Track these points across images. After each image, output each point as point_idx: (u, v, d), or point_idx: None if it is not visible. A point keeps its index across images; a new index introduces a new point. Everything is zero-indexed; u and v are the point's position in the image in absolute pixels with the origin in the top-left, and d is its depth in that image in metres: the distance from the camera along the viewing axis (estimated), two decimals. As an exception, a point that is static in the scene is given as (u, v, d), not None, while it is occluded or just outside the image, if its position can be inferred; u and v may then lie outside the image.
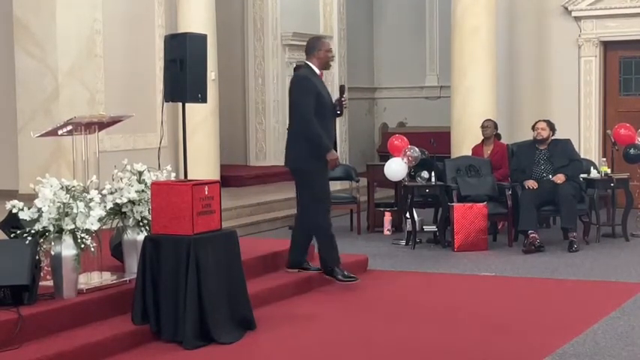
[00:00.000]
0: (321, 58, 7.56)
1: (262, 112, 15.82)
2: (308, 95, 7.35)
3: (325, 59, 7.60)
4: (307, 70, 7.56)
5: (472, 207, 9.59)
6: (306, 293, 7.42)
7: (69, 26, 11.17)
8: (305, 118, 7.33)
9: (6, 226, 6.18)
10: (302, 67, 7.73)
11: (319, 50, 7.56)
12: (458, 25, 12.02)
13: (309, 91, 7.37)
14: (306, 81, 7.45)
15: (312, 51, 7.59)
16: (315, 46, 7.61)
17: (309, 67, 7.56)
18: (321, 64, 7.58)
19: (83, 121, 6.59)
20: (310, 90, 7.38)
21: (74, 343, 5.46)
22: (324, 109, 7.42)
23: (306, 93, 7.36)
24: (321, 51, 7.56)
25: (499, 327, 6.41)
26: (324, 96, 7.47)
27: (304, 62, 7.65)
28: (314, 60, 7.55)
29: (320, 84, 7.54)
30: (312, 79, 7.48)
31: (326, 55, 7.59)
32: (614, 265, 8.74)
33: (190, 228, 5.91)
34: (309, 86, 7.40)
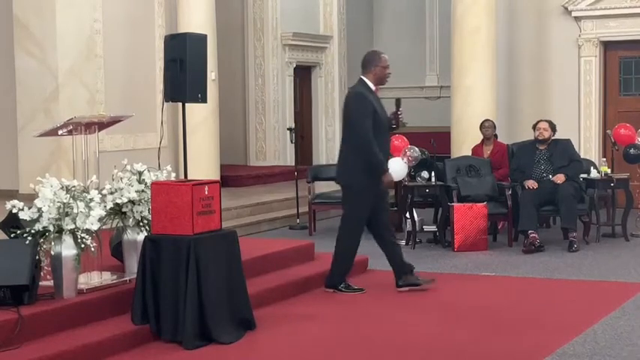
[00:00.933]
0: (377, 74, 7.37)
1: (262, 112, 15.83)
2: (365, 115, 7.18)
3: (382, 75, 7.41)
4: (362, 85, 7.37)
5: (472, 207, 9.59)
6: (306, 293, 7.42)
7: (69, 26, 11.18)
8: (364, 138, 7.15)
9: (6, 226, 6.18)
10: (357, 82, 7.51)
11: (376, 66, 7.37)
12: (458, 25, 12.02)
13: (366, 109, 7.20)
14: (362, 100, 7.26)
15: (369, 66, 7.39)
16: (374, 61, 7.41)
17: (364, 83, 7.38)
18: (377, 79, 7.40)
19: (83, 121, 6.59)
20: (367, 109, 7.21)
21: (74, 343, 5.46)
22: (379, 126, 7.27)
23: (364, 112, 7.19)
24: (379, 67, 7.37)
25: (499, 327, 6.41)
26: (379, 113, 7.32)
27: (360, 77, 7.45)
28: (370, 75, 7.37)
29: (376, 100, 7.35)
30: (368, 96, 7.31)
31: (383, 71, 7.39)
32: (614, 265, 8.74)
33: (190, 228, 5.91)
34: (367, 105, 7.23)
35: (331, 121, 16.99)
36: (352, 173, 7.32)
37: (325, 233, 11.12)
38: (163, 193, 6.00)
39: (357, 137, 7.23)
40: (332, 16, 16.90)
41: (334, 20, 16.92)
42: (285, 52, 15.99)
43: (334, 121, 16.98)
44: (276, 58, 15.86)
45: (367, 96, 7.31)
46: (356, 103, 7.30)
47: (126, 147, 11.48)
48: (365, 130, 7.16)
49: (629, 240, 10.15)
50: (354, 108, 7.29)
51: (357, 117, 7.24)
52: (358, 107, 7.26)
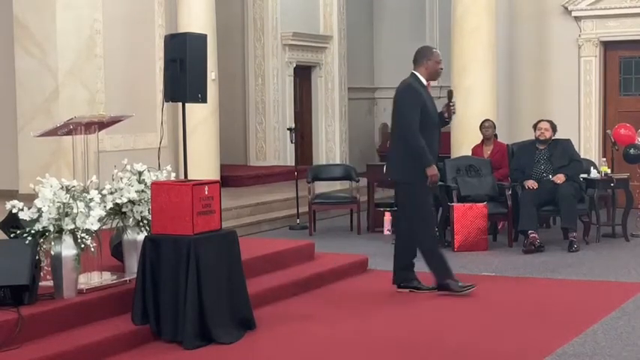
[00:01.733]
0: (429, 68, 7.33)
1: (262, 112, 15.82)
2: (413, 107, 7.14)
3: (435, 70, 7.37)
4: (414, 79, 7.33)
5: (472, 207, 9.59)
6: (306, 293, 7.42)
7: (69, 26, 11.18)
8: (410, 131, 7.13)
9: (6, 226, 6.18)
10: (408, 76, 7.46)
11: (429, 60, 7.34)
12: (458, 25, 12.02)
13: (415, 102, 7.16)
14: (412, 92, 7.23)
15: (421, 60, 7.37)
16: (426, 55, 7.39)
17: (415, 77, 7.34)
18: (429, 74, 7.36)
19: (83, 121, 6.59)
20: (416, 102, 7.17)
21: (74, 343, 5.46)
22: (428, 121, 7.22)
23: (412, 105, 7.15)
24: (431, 61, 7.34)
25: (499, 327, 6.41)
26: (429, 107, 7.27)
27: (411, 72, 7.42)
28: (422, 70, 7.34)
29: (426, 95, 7.30)
30: (419, 89, 7.27)
31: (435, 65, 7.35)
32: (614, 265, 8.74)
33: (190, 228, 5.91)
34: (415, 98, 7.19)
35: (331, 121, 16.98)
36: (406, 168, 7.23)
37: (325, 233, 11.14)
38: (163, 193, 6.00)
39: (403, 130, 7.18)
40: (332, 16, 16.90)
41: (334, 20, 16.91)
42: (285, 52, 15.98)
43: (334, 121, 16.98)
44: (276, 58, 15.85)
45: (418, 89, 7.27)
46: (405, 96, 7.25)
47: (126, 147, 11.48)
48: (411, 121, 7.12)
49: (629, 240, 10.14)
50: (403, 99, 7.24)
51: (405, 108, 7.20)
52: (407, 99, 7.22)
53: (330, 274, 7.96)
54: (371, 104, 19.94)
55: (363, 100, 19.46)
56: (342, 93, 17.18)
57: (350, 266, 8.33)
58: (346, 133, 17.24)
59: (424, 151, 7.15)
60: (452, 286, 7.28)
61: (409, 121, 7.15)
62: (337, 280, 7.94)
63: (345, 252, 9.26)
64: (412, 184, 7.25)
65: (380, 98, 19.89)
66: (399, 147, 7.33)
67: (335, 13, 16.89)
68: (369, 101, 19.83)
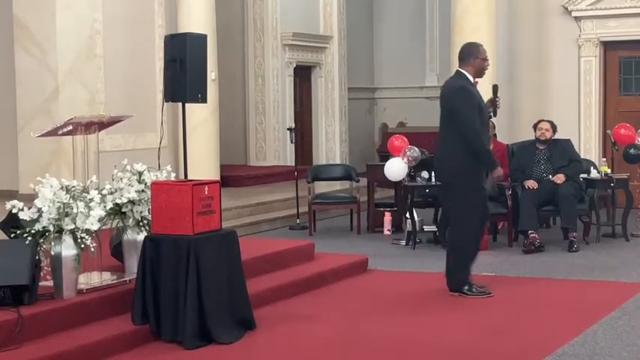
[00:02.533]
0: (477, 66, 7.25)
1: (262, 112, 15.82)
2: (471, 107, 7.06)
3: (481, 67, 7.28)
4: (463, 78, 7.24)
5: (472, 207, 9.57)
6: (306, 293, 7.42)
7: (69, 26, 11.18)
8: (471, 133, 7.04)
9: (6, 226, 6.18)
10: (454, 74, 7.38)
11: (476, 58, 7.26)
12: (458, 25, 12.01)
13: (471, 102, 7.09)
14: (467, 92, 7.14)
15: (468, 58, 7.28)
16: (472, 53, 7.30)
17: (463, 75, 7.25)
18: (476, 72, 7.27)
19: (83, 121, 6.59)
20: (472, 102, 7.10)
21: (74, 343, 5.46)
22: (483, 118, 7.18)
23: (469, 105, 7.07)
24: (478, 59, 7.26)
25: (499, 327, 6.41)
26: (482, 106, 7.22)
27: (457, 69, 7.34)
28: (469, 68, 7.25)
29: (477, 93, 7.24)
30: (472, 89, 7.20)
31: (482, 63, 7.27)
32: (614, 265, 8.74)
33: (190, 228, 5.91)
34: (471, 98, 7.12)
35: (331, 121, 16.99)
36: (458, 170, 7.16)
37: (325, 233, 11.14)
38: (163, 193, 6.00)
39: (464, 131, 7.07)
40: (332, 16, 16.89)
41: (334, 20, 16.91)
42: (285, 52, 15.98)
43: (334, 121, 16.98)
44: (276, 58, 15.85)
45: (471, 89, 7.20)
46: (460, 95, 7.15)
47: (126, 147, 11.48)
48: (472, 124, 7.04)
49: (629, 240, 10.14)
50: (459, 102, 7.13)
51: (463, 111, 7.08)
52: (464, 101, 7.12)
53: (330, 274, 7.96)
54: (371, 104, 19.95)
55: (363, 100, 19.46)
56: (342, 93, 17.18)
57: (350, 266, 8.33)
58: (346, 133, 17.24)
59: (489, 154, 7.11)
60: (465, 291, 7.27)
61: (469, 124, 7.05)
62: (337, 280, 7.94)
63: (345, 252, 9.26)
64: (461, 185, 7.17)
65: (380, 98, 19.90)
66: (452, 148, 7.19)
67: (335, 13, 16.89)
68: (369, 101, 19.84)
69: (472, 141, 7.07)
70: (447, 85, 7.43)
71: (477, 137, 7.06)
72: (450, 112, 7.19)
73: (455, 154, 7.16)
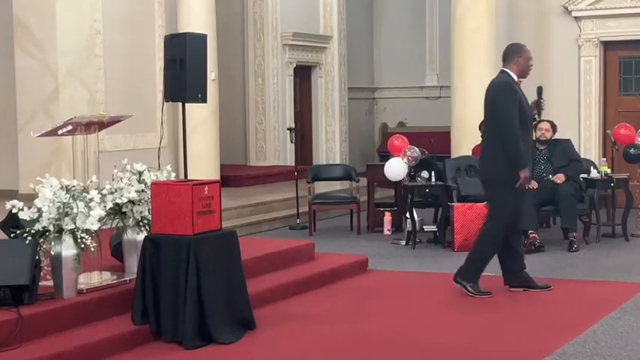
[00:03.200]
0: (520, 65, 7.27)
1: (262, 112, 15.82)
2: (513, 105, 7.06)
3: (525, 67, 7.30)
4: (507, 77, 7.24)
5: (472, 207, 9.58)
6: (306, 293, 7.42)
7: (69, 26, 11.18)
8: (509, 131, 7.04)
9: (6, 226, 6.18)
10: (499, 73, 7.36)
11: (520, 57, 7.28)
12: (458, 25, 12.02)
13: (513, 100, 7.09)
14: (509, 90, 7.14)
15: (512, 57, 7.30)
16: (517, 52, 7.32)
17: (507, 74, 7.25)
18: (520, 71, 7.28)
19: (83, 121, 6.59)
20: (514, 99, 7.09)
21: (74, 343, 5.46)
22: (524, 119, 7.17)
23: (512, 103, 7.07)
24: (522, 58, 7.28)
25: (499, 327, 6.41)
26: (524, 105, 7.21)
27: (501, 69, 7.34)
28: (513, 67, 7.26)
29: (521, 92, 7.24)
30: (515, 87, 7.20)
31: (526, 62, 7.29)
32: (614, 265, 8.74)
33: (190, 228, 5.91)
34: (513, 95, 7.12)
35: (331, 121, 16.99)
36: (495, 168, 7.16)
37: (325, 233, 11.14)
38: (163, 193, 6.00)
39: (502, 128, 7.07)
40: (332, 16, 16.90)
41: (334, 20, 16.91)
42: (285, 52, 15.98)
43: (334, 121, 16.98)
44: (276, 58, 15.85)
45: (514, 87, 7.19)
46: (503, 94, 7.15)
47: (126, 147, 11.48)
48: (511, 121, 7.03)
49: (629, 240, 10.14)
50: (500, 98, 7.14)
51: (503, 107, 7.09)
52: (504, 97, 7.12)
53: (330, 274, 7.96)
54: (371, 104, 19.94)
55: (363, 100, 19.46)
56: (342, 93, 17.18)
57: (350, 266, 8.33)
58: (346, 133, 17.24)
59: (521, 154, 7.07)
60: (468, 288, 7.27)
61: (508, 121, 7.05)
62: (337, 280, 7.94)
63: (345, 252, 9.26)
64: (506, 182, 7.14)
65: (380, 98, 19.90)
66: (493, 146, 7.20)
67: (335, 13, 16.89)
68: (369, 101, 19.84)
69: (507, 139, 7.06)
70: (490, 84, 7.43)
71: (513, 136, 7.04)
72: (493, 109, 7.20)
73: (496, 152, 7.16)
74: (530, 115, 7.38)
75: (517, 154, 7.07)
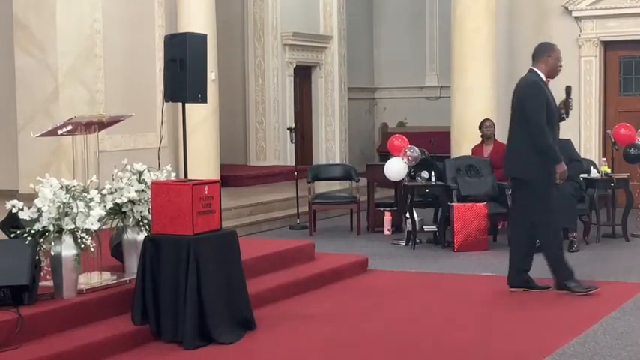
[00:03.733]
0: (549, 65, 7.28)
1: (262, 112, 15.83)
2: (540, 104, 7.08)
3: (555, 67, 7.32)
4: (535, 76, 7.25)
5: (472, 207, 9.59)
6: (306, 293, 7.42)
7: (69, 26, 11.18)
8: (537, 128, 7.06)
9: (6, 226, 6.18)
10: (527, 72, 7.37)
11: (549, 56, 7.29)
12: (458, 25, 12.02)
13: (541, 99, 7.11)
14: (537, 89, 7.16)
15: (541, 56, 7.31)
16: (547, 51, 7.33)
17: (535, 73, 7.26)
18: (549, 70, 7.29)
19: (83, 121, 6.59)
20: (542, 98, 7.11)
21: (74, 343, 5.46)
22: (552, 117, 7.19)
23: (539, 102, 7.09)
24: (552, 58, 7.29)
25: (499, 327, 6.41)
26: (552, 104, 7.23)
27: (530, 67, 7.35)
28: (542, 66, 7.27)
29: (548, 91, 7.25)
30: (542, 86, 7.20)
31: (556, 62, 7.30)
32: (614, 265, 8.74)
33: (190, 228, 5.91)
34: (541, 94, 7.13)
35: (331, 121, 16.99)
36: (527, 167, 7.15)
37: (325, 233, 11.14)
38: (163, 193, 6.00)
39: (531, 128, 7.08)
40: (332, 16, 16.90)
41: (334, 20, 16.91)
42: (285, 52, 15.99)
43: (334, 121, 16.98)
44: (276, 58, 15.85)
45: (542, 86, 7.20)
46: (530, 92, 7.16)
47: (126, 147, 11.48)
48: (539, 120, 7.05)
49: (629, 240, 10.14)
50: (528, 97, 7.15)
51: (532, 106, 7.10)
52: (532, 96, 7.14)
53: (330, 274, 7.96)
54: (371, 104, 19.95)
55: (363, 100, 19.46)
56: (342, 93, 17.18)
57: (350, 266, 8.33)
58: (346, 133, 17.24)
59: (553, 149, 7.10)
60: (572, 287, 7.26)
61: (536, 119, 7.07)
62: (337, 280, 7.94)
63: (345, 252, 9.26)
64: (536, 182, 7.16)
65: (380, 98, 19.90)
66: (522, 145, 7.19)
67: (335, 13, 16.89)
68: (369, 101, 19.84)
69: (537, 136, 7.07)
70: (519, 82, 7.42)
71: (542, 133, 7.07)
72: (521, 108, 7.20)
73: (526, 151, 7.16)
74: (558, 115, 7.39)
75: (549, 149, 7.09)
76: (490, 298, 7.38)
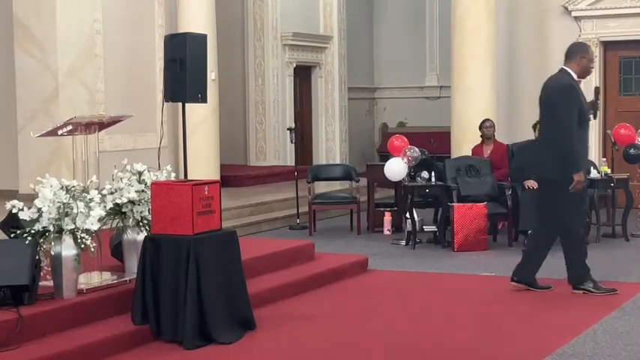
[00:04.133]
0: (582, 65, 7.23)
1: (262, 112, 15.83)
2: (573, 106, 7.03)
3: (587, 67, 7.26)
4: (567, 75, 7.20)
5: (472, 207, 9.59)
6: (306, 293, 7.42)
7: (69, 26, 11.18)
8: (565, 132, 7.01)
9: (6, 226, 6.18)
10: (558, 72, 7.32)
11: (583, 57, 7.24)
12: (458, 25, 12.02)
13: (574, 102, 7.05)
14: (571, 91, 7.10)
15: (573, 56, 7.25)
16: (580, 51, 7.29)
17: (567, 73, 7.22)
18: (580, 71, 7.24)
19: (83, 121, 6.59)
20: (575, 102, 7.06)
21: (74, 343, 5.46)
22: (583, 119, 7.13)
23: (572, 104, 7.03)
24: (585, 58, 7.24)
25: (499, 327, 6.41)
26: (584, 105, 7.18)
27: (561, 67, 7.31)
28: (574, 66, 7.22)
29: (581, 92, 7.20)
30: (576, 88, 7.15)
31: (588, 63, 7.25)
32: (614, 265, 8.74)
33: (190, 228, 5.91)
34: (574, 98, 7.08)
35: (331, 121, 16.99)
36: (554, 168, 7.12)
37: (325, 233, 11.14)
38: (163, 193, 6.00)
39: (559, 127, 7.04)
40: (332, 16, 16.90)
41: (334, 20, 16.92)
42: (285, 52, 15.99)
43: (334, 121, 16.98)
44: (276, 58, 15.86)
45: (576, 88, 7.15)
46: (564, 95, 7.10)
47: (126, 147, 11.48)
48: (570, 125, 6.99)
49: (629, 240, 10.14)
50: (562, 99, 7.09)
51: (565, 110, 7.04)
52: (566, 99, 7.08)
53: (330, 274, 7.96)
54: (371, 104, 19.95)
55: (363, 100, 19.46)
56: (342, 93, 17.18)
57: (350, 266, 8.33)
58: (346, 133, 17.24)
59: (574, 155, 7.05)
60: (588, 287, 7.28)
61: (567, 122, 7.02)
62: (337, 280, 7.94)
63: (345, 252, 9.26)
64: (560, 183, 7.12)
65: (380, 98, 19.90)
66: (552, 145, 7.16)
67: (335, 13, 16.89)
68: (369, 101, 19.84)
69: (563, 140, 7.03)
70: (551, 81, 7.38)
71: (569, 138, 7.01)
72: (551, 108, 7.16)
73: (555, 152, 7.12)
74: (588, 115, 7.37)
75: (571, 155, 7.04)
76: (490, 298, 7.38)
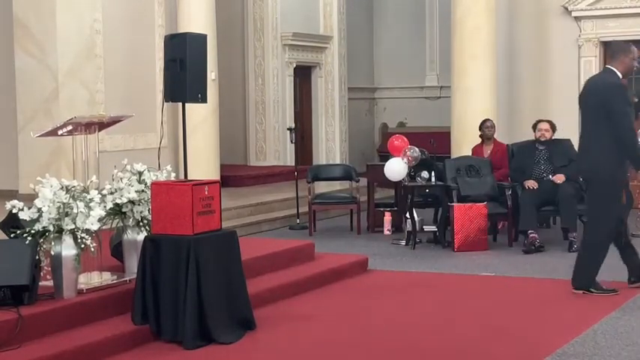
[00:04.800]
0: (626, 64, 7.23)
1: (262, 112, 15.83)
2: (627, 105, 7.09)
3: (630, 67, 7.27)
4: (613, 75, 7.21)
5: (472, 207, 9.59)
6: (306, 293, 7.42)
7: (69, 26, 11.19)
8: (629, 132, 7.04)
9: (6, 226, 6.18)
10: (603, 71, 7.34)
11: (627, 57, 7.24)
12: (458, 25, 12.03)
13: (628, 101, 7.13)
14: (623, 90, 7.16)
15: (618, 55, 7.28)
16: (624, 51, 7.30)
17: (613, 72, 7.23)
18: (625, 69, 7.25)
19: (83, 121, 6.59)
20: (628, 101, 7.14)
21: (74, 343, 5.46)
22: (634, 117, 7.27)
23: (626, 102, 7.10)
24: (628, 58, 7.24)
25: (499, 327, 6.40)
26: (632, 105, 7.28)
27: (606, 66, 7.35)
28: (619, 65, 7.23)
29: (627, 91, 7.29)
30: (625, 86, 7.21)
31: (632, 62, 7.26)
32: (614, 265, 8.71)
33: (190, 228, 5.91)
34: (627, 97, 7.15)
35: (331, 121, 16.99)
36: (606, 166, 7.12)
37: (325, 233, 11.14)
38: (163, 193, 6.00)
39: (621, 132, 7.04)
40: (332, 16, 16.91)
41: (334, 20, 16.92)
42: (285, 52, 15.99)
43: (334, 121, 16.99)
44: (276, 58, 15.86)
45: (625, 86, 7.23)
46: (617, 92, 7.12)
47: (126, 147, 11.48)
48: (629, 124, 7.06)
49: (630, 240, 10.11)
50: (617, 100, 7.09)
51: (619, 106, 7.07)
52: (620, 96, 7.11)
53: (330, 274, 7.96)
54: (371, 104, 19.95)
55: (363, 100, 19.47)
56: (342, 93, 17.18)
57: (350, 266, 8.33)
58: (346, 133, 17.25)
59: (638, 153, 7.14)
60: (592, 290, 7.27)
61: (628, 125, 7.06)
62: (337, 280, 7.94)
63: (345, 252, 9.26)
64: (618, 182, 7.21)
65: (380, 98, 19.91)
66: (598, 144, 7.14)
67: (335, 13, 16.90)
68: (369, 101, 19.84)
69: (624, 139, 7.05)
70: (598, 81, 7.39)
71: (632, 136, 7.08)
72: (603, 108, 7.12)
73: (608, 151, 7.11)
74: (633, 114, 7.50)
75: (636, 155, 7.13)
76: (490, 298, 7.38)
